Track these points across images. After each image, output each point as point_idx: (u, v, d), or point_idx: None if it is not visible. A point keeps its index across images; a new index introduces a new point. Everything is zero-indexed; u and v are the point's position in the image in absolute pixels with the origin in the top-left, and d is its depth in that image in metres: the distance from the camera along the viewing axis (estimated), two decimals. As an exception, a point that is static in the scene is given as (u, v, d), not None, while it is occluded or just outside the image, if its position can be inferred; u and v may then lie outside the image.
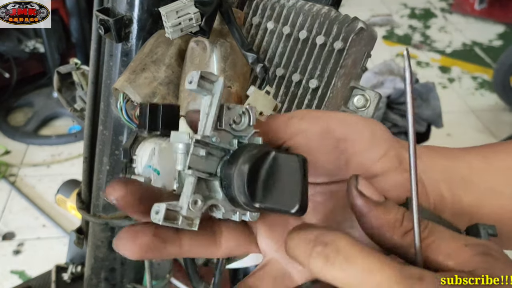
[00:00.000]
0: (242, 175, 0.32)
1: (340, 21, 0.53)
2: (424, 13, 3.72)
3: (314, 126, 0.36)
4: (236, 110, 0.35)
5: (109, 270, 0.82)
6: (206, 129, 0.34)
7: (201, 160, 0.34)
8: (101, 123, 0.71)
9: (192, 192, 0.33)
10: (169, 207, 0.33)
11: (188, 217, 0.33)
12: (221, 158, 0.35)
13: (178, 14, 0.48)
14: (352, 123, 0.37)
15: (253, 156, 0.33)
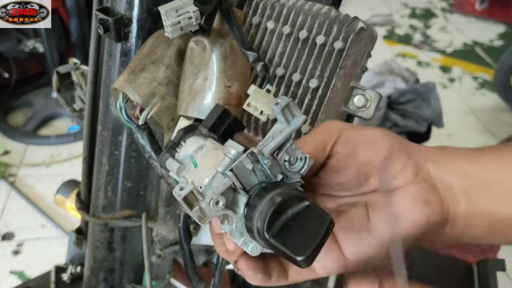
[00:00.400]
0: (271, 204, 0.34)
1: (340, 20, 0.53)
2: (424, 13, 3.71)
3: (345, 148, 0.41)
4: (296, 153, 0.37)
5: (108, 271, 0.82)
6: (265, 149, 0.36)
7: (244, 171, 0.35)
8: (100, 123, 0.71)
9: (220, 192, 0.35)
10: (194, 191, 0.34)
11: (203, 211, 0.34)
12: (260, 182, 0.36)
13: (177, 12, 0.48)
14: (375, 144, 0.41)
15: (289, 194, 0.34)
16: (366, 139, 0.41)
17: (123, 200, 0.75)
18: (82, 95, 0.83)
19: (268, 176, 0.37)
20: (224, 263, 0.70)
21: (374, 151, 0.40)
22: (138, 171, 0.72)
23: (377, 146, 0.41)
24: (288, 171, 0.37)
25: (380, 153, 0.40)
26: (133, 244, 0.80)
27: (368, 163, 0.40)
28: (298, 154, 0.37)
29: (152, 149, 0.56)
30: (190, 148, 0.41)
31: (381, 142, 0.41)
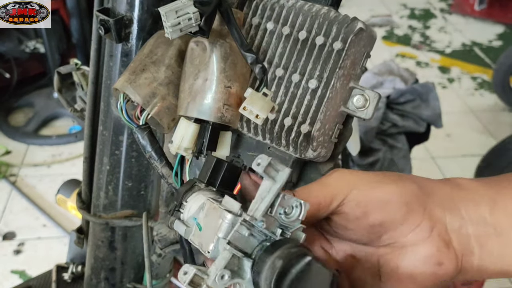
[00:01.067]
0: (273, 269, 0.34)
1: (339, 21, 0.53)
2: (423, 13, 3.72)
3: (354, 211, 0.39)
4: (291, 202, 0.37)
5: (109, 270, 0.82)
6: (257, 213, 0.36)
7: (242, 238, 0.36)
8: (101, 124, 0.71)
9: (223, 267, 0.35)
10: (198, 272, 0.35)
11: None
12: (261, 242, 0.36)
13: (177, 14, 0.49)
14: (388, 206, 0.39)
15: (290, 254, 0.34)
16: (378, 202, 0.39)
17: (124, 200, 0.75)
18: (83, 95, 0.84)
19: (267, 235, 0.37)
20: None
21: (387, 215, 0.39)
22: (138, 170, 0.72)
23: (390, 210, 0.39)
24: (286, 223, 0.37)
25: (393, 216, 0.38)
26: (133, 243, 0.81)
27: (380, 225, 0.39)
28: (292, 202, 0.37)
29: (153, 149, 0.56)
30: (193, 206, 0.41)
31: (395, 204, 0.39)
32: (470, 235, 0.40)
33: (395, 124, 1.83)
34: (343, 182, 0.40)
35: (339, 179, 0.40)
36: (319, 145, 0.53)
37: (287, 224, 0.37)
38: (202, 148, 0.52)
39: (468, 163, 2.17)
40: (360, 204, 0.39)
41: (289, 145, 0.54)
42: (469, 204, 0.40)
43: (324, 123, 0.52)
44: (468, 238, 0.40)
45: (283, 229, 0.37)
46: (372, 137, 1.79)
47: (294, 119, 0.53)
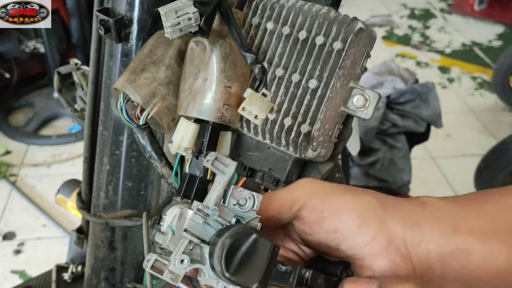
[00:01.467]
0: (223, 247, 0.37)
1: (339, 21, 0.53)
2: (423, 13, 3.72)
3: (311, 216, 0.42)
4: (243, 194, 0.40)
5: (109, 270, 0.82)
6: (208, 203, 0.40)
7: (198, 226, 0.39)
8: (101, 123, 0.71)
9: (181, 252, 0.39)
10: (159, 258, 0.39)
11: (173, 272, 0.38)
12: (218, 231, 0.40)
13: (177, 14, 0.49)
14: (342, 215, 0.41)
15: (238, 234, 0.38)
16: (332, 210, 0.41)
17: (124, 200, 0.75)
18: (83, 95, 0.84)
19: (223, 224, 0.40)
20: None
21: (340, 223, 0.41)
22: (138, 170, 0.72)
23: (344, 217, 0.41)
24: (241, 213, 0.40)
25: (347, 225, 0.40)
26: (134, 243, 0.81)
27: (335, 232, 0.41)
28: (245, 194, 0.40)
29: (153, 149, 0.56)
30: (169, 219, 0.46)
31: (349, 214, 0.41)
32: (431, 251, 0.40)
33: (395, 124, 1.83)
34: (305, 189, 0.43)
35: (303, 187, 0.43)
36: (319, 145, 0.53)
37: (242, 214, 0.40)
38: (202, 148, 0.52)
39: (468, 163, 2.17)
40: (317, 210, 0.42)
41: (289, 145, 0.54)
42: (432, 222, 0.41)
43: (324, 123, 0.53)
44: (428, 253, 0.40)
45: (239, 219, 0.40)
46: (372, 137, 1.79)
47: (294, 119, 0.53)
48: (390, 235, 0.40)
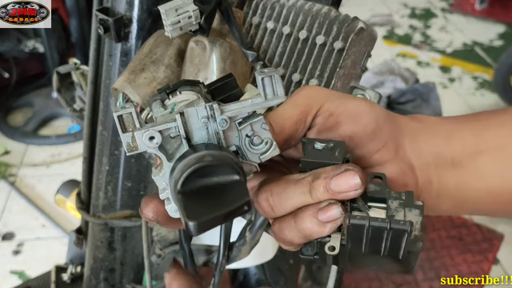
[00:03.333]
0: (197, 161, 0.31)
1: (340, 21, 0.53)
2: (424, 13, 3.71)
3: (326, 121, 0.38)
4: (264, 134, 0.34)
5: (108, 271, 0.82)
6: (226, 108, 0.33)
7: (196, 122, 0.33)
8: (101, 123, 0.71)
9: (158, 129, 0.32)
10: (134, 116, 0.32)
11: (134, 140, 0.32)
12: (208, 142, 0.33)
13: (177, 12, 0.48)
14: (359, 118, 0.39)
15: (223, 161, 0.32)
16: (349, 113, 0.39)
17: (123, 200, 0.75)
18: (82, 95, 0.83)
19: (220, 142, 0.33)
20: (224, 263, 0.70)
21: (357, 127, 0.38)
22: (138, 171, 0.72)
23: (361, 121, 0.39)
24: (246, 149, 0.34)
25: (363, 129, 0.38)
26: (133, 243, 0.80)
27: (350, 138, 0.38)
28: (265, 135, 0.34)
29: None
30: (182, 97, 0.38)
31: (365, 117, 0.39)
32: (430, 164, 0.40)
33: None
34: (314, 97, 0.39)
35: (310, 96, 0.39)
36: (320, 145, 0.52)
37: (246, 152, 0.34)
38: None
39: (468, 163, 2.16)
40: (333, 114, 0.38)
41: (289, 145, 0.54)
42: (427, 135, 0.40)
43: (325, 123, 0.52)
44: (427, 166, 0.40)
45: (238, 152, 0.34)
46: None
47: (294, 119, 0.53)
48: (397, 143, 0.39)
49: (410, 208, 0.34)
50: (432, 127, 0.41)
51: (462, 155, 0.40)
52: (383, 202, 0.34)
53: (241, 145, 0.34)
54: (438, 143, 0.40)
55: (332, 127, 0.38)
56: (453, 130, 0.41)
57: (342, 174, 0.34)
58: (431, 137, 0.41)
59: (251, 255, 0.77)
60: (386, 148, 0.39)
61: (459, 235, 1.78)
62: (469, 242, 1.75)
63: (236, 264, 0.83)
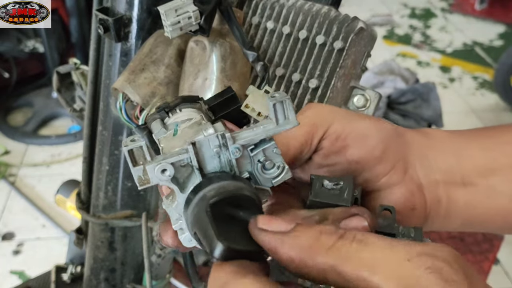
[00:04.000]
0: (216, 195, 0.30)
1: (340, 20, 0.53)
2: (424, 13, 3.71)
3: (333, 145, 0.37)
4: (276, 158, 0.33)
5: (109, 271, 0.82)
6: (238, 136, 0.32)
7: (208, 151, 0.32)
8: (101, 123, 0.71)
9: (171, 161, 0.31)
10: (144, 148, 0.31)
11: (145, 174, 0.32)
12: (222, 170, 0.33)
13: (177, 12, 0.48)
14: (366, 140, 0.37)
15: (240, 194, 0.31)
16: (357, 135, 0.37)
17: (124, 200, 0.75)
18: (82, 95, 0.83)
19: (233, 169, 0.33)
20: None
21: (365, 150, 0.37)
22: (138, 171, 0.72)
23: (369, 144, 0.37)
24: (259, 174, 0.34)
25: (371, 152, 0.37)
26: (133, 243, 0.80)
27: (357, 163, 0.38)
28: (277, 160, 0.33)
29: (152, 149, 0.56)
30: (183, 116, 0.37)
31: (373, 139, 0.37)
32: (439, 182, 0.39)
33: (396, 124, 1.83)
34: (321, 117, 0.38)
35: (316, 115, 0.38)
36: (320, 145, 0.52)
37: (258, 177, 0.34)
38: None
39: (468, 163, 2.16)
40: (340, 137, 0.37)
41: (289, 145, 0.54)
42: (437, 152, 0.40)
43: (325, 123, 0.52)
44: (437, 185, 0.39)
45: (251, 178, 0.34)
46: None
47: (294, 119, 0.53)
48: (406, 163, 0.38)
49: None
50: (441, 144, 0.40)
51: (473, 174, 0.39)
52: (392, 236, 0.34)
53: (254, 171, 0.34)
54: (447, 161, 0.39)
55: (339, 151, 0.37)
56: (463, 147, 0.40)
57: (350, 218, 0.33)
58: (440, 154, 0.40)
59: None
60: (395, 171, 0.38)
61: (460, 235, 1.78)
62: (470, 242, 1.75)
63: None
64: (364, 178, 0.38)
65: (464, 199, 0.39)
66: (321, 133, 0.37)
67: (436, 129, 0.42)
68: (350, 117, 0.38)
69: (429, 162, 0.39)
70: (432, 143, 0.40)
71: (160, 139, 0.35)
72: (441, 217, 0.40)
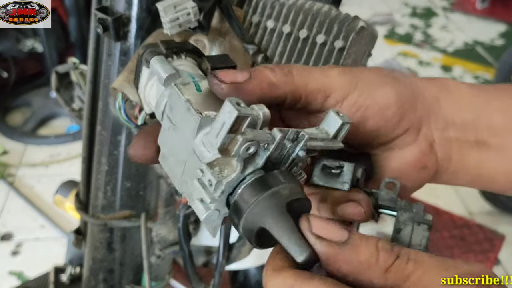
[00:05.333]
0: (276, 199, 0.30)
1: (340, 20, 0.52)
2: (425, 12, 3.71)
3: (353, 115, 0.37)
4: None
5: (107, 271, 0.82)
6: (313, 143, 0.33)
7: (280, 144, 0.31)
8: (100, 123, 0.70)
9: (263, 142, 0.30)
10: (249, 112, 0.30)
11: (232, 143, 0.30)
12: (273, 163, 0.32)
13: (176, 9, 0.48)
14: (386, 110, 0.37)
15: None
16: (377, 106, 0.37)
17: (123, 200, 0.74)
18: (81, 94, 0.83)
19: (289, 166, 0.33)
20: (224, 264, 0.70)
21: (384, 121, 0.37)
22: (137, 171, 0.72)
23: (388, 115, 0.37)
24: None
25: (389, 122, 0.37)
26: (132, 244, 0.80)
27: (373, 131, 0.38)
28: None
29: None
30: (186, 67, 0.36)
31: (392, 110, 0.37)
32: (452, 139, 0.39)
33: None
34: (345, 78, 0.37)
35: (341, 74, 0.37)
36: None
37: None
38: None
39: (469, 163, 2.16)
40: (360, 108, 0.37)
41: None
42: (454, 108, 0.39)
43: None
44: (449, 142, 0.39)
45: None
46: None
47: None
48: (420, 122, 0.38)
49: (418, 223, 0.34)
50: (461, 100, 0.40)
51: (488, 135, 0.39)
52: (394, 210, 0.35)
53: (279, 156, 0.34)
54: (463, 117, 0.39)
55: (359, 122, 0.37)
56: (482, 105, 0.40)
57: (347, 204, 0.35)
58: (457, 111, 0.39)
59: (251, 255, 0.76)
60: (409, 132, 0.38)
61: (461, 235, 1.78)
62: (471, 242, 1.75)
63: (236, 265, 0.83)
64: (377, 141, 0.38)
65: (475, 158, 0.39)
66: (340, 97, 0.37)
67: (457, 82, 0.41)
68: (373, 86, 0.38)
69: (445, 117, 0.39)
70: (450, 98, 0.40)
71: (179, 86, 0.34)
72: (450, 173, 0.40)
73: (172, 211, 0.77)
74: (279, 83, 0.35)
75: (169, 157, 0.35)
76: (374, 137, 0.38)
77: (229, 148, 0.31)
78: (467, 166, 0.40)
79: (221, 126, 0.30)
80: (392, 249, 0.28)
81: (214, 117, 0.32)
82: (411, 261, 0.27)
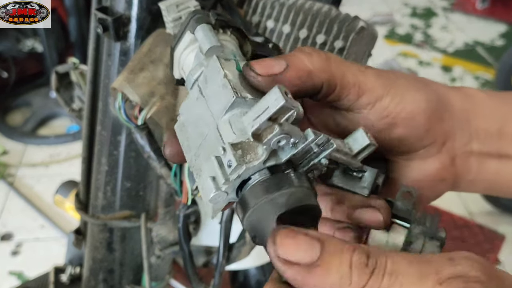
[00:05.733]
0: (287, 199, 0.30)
1: (340, 20, 0.52)
2: (425, 12, 3.71)
3: (379, 122, 0.36)
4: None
5: (107, 271, 0.82)
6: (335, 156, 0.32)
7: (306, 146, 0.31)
8: (100, 123, 0.70)
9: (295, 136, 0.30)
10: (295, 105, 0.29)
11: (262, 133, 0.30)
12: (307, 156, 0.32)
13: (178, 8, 0.48)
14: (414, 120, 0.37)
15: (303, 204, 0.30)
16: (406, 114, 0.36)
17: (123, 201, 0.74)
18: (81, 94, 0.83)
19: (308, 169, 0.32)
20: (224, 264, 0.70)
21: (411, 130, 0.37)
22: (137, 171, 0.72)
23: (415, 125, 0.37)
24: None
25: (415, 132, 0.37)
26: (132, 244, 0.80)
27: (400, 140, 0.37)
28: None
29: (151, 149, 0.56)
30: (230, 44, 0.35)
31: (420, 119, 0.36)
32: (474, 153, 0.39)
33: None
34: (380, 81, 0.36)
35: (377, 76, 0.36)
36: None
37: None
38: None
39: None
40: (391, 114, 0.36)
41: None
42: (478, 118, 0.39)
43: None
44: (470, 155, 0.39)
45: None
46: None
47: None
48: (446, 136, 0.38)
49: (431, 238, 0.33)
50: (485, 109, 0.39)
51: (509, 147, 0.39)
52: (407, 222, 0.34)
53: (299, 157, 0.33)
54: (488, 129, 0.39)
55: (386, 129, 0.37)
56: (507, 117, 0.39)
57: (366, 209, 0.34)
58: (482, 121, 0.39)
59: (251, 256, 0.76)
60: (434, 145, 0.38)
61: (462, 236, 1.77)
62: (471, 243, 1.75)
63: (236, 265, 0.82)
64: (401, 149, 0.38)
65: (495, 169, 0.39)
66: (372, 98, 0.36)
67: (478, 91, 0.41)
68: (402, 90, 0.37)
69: (470, 128, 0.39)
70: (475, 107, 0.39)
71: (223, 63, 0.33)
72: (467, 182, 0.40)
73: (172, 211, 0.77)
74: (317, 71, 0.34)
75: (188, 127, 0.35)
76: (399, 145, 0.37)
77: (262, 134, 0.30)
78: (486, 177, 0.40)
79: (263, 110, 0.29)
80: (366, 263, 0.26)
81: (248, 100, 0.31)
82: (387, 275, 0.26)
